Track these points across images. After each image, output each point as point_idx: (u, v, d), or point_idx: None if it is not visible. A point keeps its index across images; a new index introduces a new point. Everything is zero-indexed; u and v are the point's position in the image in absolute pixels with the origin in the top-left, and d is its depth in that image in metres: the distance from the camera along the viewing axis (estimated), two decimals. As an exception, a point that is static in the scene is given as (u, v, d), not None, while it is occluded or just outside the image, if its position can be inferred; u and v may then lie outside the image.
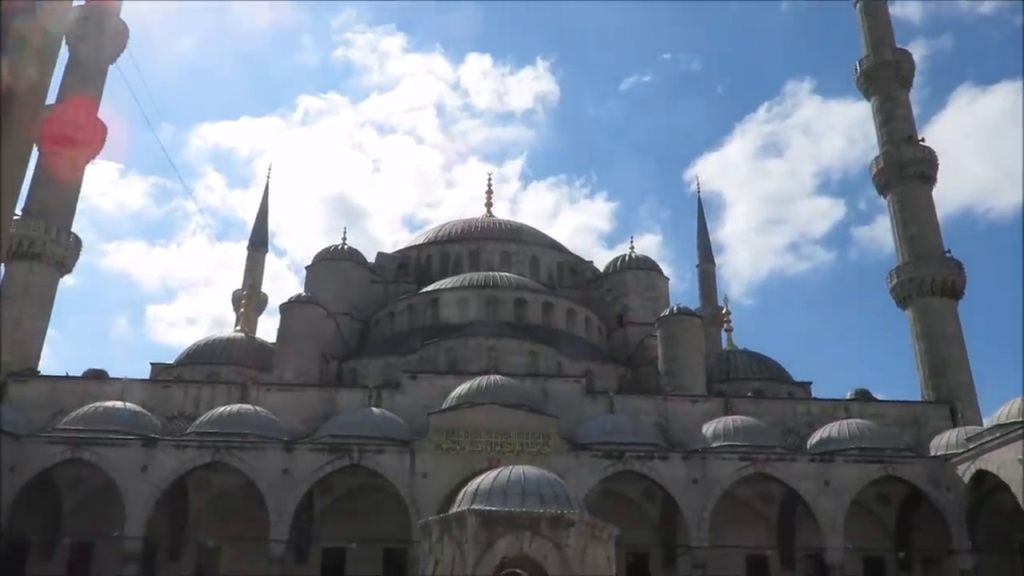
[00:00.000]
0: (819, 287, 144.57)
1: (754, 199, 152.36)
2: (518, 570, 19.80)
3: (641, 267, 59.24)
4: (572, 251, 66.23)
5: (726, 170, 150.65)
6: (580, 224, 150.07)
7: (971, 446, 35.99)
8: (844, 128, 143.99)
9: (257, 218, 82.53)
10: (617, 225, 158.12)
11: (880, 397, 47.02)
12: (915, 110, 57.12)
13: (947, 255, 51.29)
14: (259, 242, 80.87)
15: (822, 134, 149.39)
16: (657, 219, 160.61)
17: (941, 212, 54.02)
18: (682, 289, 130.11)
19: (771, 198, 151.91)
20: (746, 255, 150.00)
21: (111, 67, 54.82)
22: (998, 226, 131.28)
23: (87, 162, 51.95)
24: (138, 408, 39.22)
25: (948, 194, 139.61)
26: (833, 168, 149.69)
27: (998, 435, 34.06)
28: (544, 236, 66.37)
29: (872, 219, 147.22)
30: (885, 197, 54.55)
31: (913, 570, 39.18)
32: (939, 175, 54.15)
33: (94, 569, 36.93)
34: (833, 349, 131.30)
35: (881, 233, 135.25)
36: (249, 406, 39.49)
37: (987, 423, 37.75)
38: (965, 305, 50.68)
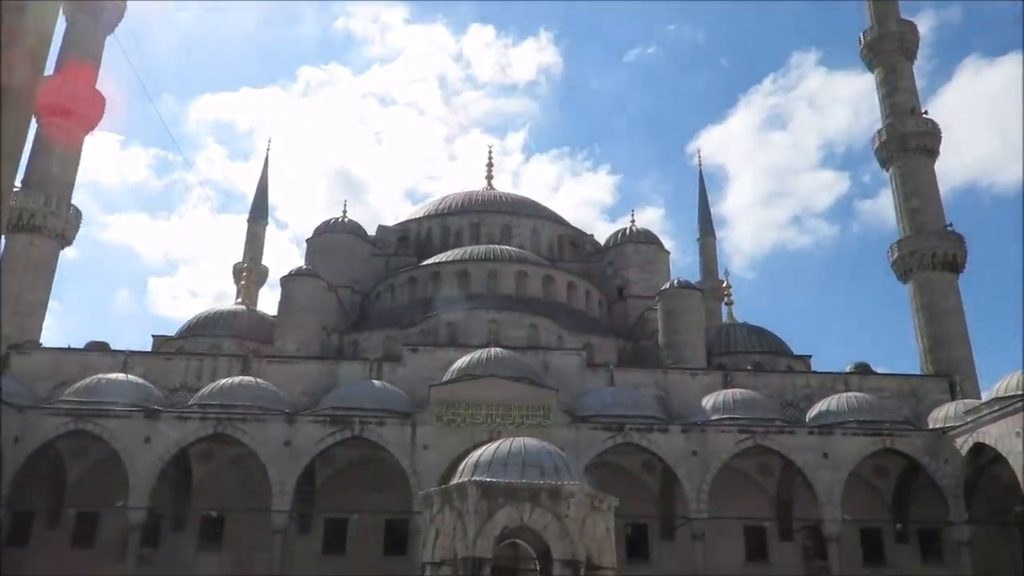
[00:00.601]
0: (821, 261, 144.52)
1: (757, 172, 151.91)
2: (518, 540, 20.01)
3: (642, 240, 59.20)
4: (573, 224, 66.13)
5: (730, 143, 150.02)
6: (582, 197, 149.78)
7: (969, 419, 36.18)
8: (849, 100, 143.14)
9: (257, 191, 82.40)
10: (620, 198, 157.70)
11: (880, 371, 47.22)
12: (921, 82, 56.89)
13: (948, 228, 51.22)
14: (259, 215, 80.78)
15: (827, 106, 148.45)
16: (660, 192, 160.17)
17: (945, 186, 54.27)
18: (685, 263, 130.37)
19: (775, 171, 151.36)
20: (748, 229, 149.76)
21: (109, 38, 54.46)
22: (1002, 200, 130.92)
23: (86, 133, 51.75)
24: (140, 380, 39.42)
25: (953, 167, 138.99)
26: (837, 141, 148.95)
27: (996, 408, 34.21)
28: (545, 209, 66.25)
29: (876, 193, 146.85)
30: (887, 170, 54.36)
31: (910, 541, 39.55)
32: (944, 148, 53.98)
33: (99, 539, 37.31)
34: (833, 323, 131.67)
35: (884, 207, 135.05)
36: (251, 378, 39.68)
37: (986, 396, 37.89)
38: (966, 279, 50.79)
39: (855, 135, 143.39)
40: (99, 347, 44.16)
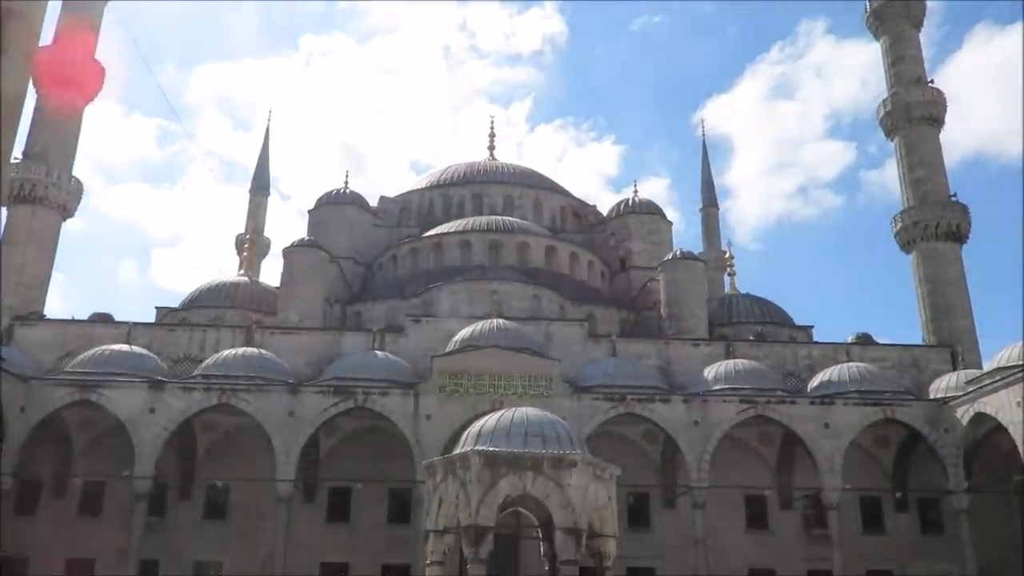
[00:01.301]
0: (826, 232, 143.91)
1: (764, 142, 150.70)
2: (521, 508, 20.19)
3: (644, 211, 59.02)
4: (576, 195, 65.92)
5: (736, 113, 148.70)
6: (587, 168, 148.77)
7: (970, 389, 36.31)
8: (857, 69, 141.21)
9: (259, 162, 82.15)
10: (624, 169, 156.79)
11: (882, 341, 47.28)
12: (930, 51, 56.49)
13: (953, 199, 51.02)
14: (261, 186, 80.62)
15: (835, 76, 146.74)
16: (665, 163, 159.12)
17: (953, 156, 53.90)
18: (690, 234, 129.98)
19: (781, 141, 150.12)
20: (754, 199, 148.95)
21: (107, 6, 53.96)
22: (1009, 170, 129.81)
23: (86, 103, 51.48)
24: (144, 351, 39.61)
25: (961, 137, 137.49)
26: (845, 110, 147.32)
27: (998, 378, 34.32)
28: (547, 180, 66.00)
29: (882, 163, 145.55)
30: (892, 140, 54.02)
31: (909, 510, 39.89)
32: (952, 117, 53.55)
33: (105, 508, 37.72)
34: (836, 294, 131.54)
35: (890, 178, 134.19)
36: (254, 349, 39.84)
37: (987, 367, 38.01)
38: (970, 249, 50.62)
39: (863, 105, 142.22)
40: (103, 319, 44.31)
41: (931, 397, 39.34)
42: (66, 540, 36.90)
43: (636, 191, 61.81)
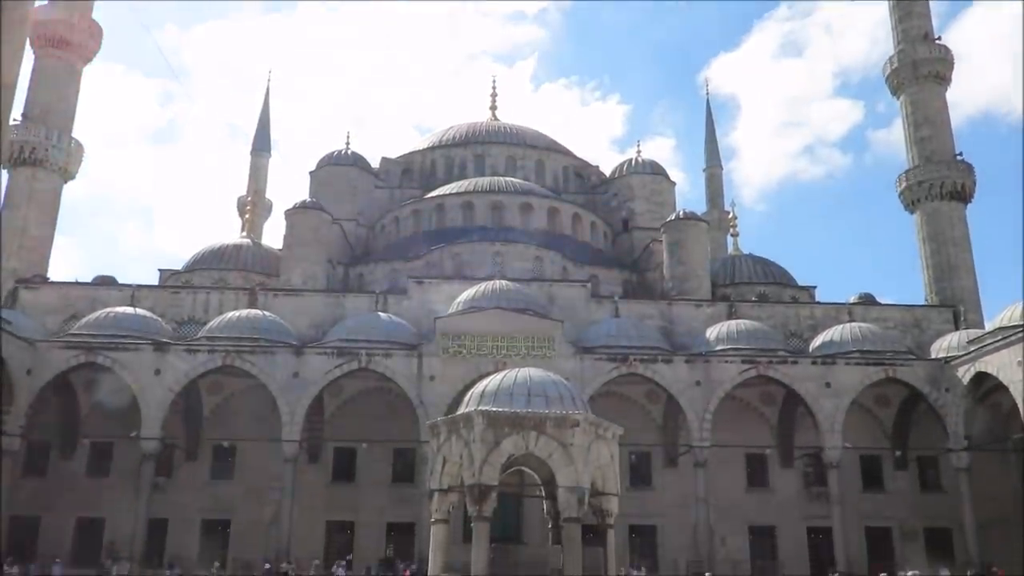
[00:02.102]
0: (832, 192, 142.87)
1: (771, 101, 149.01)
2: (524, 468, 20.39)
3: (647, 171, 58.65)
4: (579, 155, 65.45)
5: (743, 71, 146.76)
6: (592, 128, 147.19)
7: (972, 349, 36.42)
8: (867, 26, 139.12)
9: (259, 122, 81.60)
10: (630, 129, 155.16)
11: (885, 302, 47.30)
12: (941, 6, 55.32)
13: (958, 158, 50.64)
14: (262, 147, 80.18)
15: (844, 33, 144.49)
16: (670, 123, 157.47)
17: (961, 114, 53.33)
18: (697, 194, 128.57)
19: (788, 100, 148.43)
20: (760, 159, 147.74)
21: (103, -35, 53.21)
22: (1018, 128, 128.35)
23: (84, 64, 51.03)
24: (148, 313, 39.75)
25: (970, 96, 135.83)
26: (853, 69, 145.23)
27: (999, 338, 34.41)
28: (550, 140, 65.50)
29: (890, 122, 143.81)
30: (898, 98, 53.48)
31: (909, 468, 40.24)
32: (962, 75, 53.13)
33: (114, 468, 38.16)
34: (841, 254, 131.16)
35: (898, 137, 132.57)
36: (258, 311, 39.98)
37: (989, 326, 38.09)
38: (974, 209, 50.37)
39: (872, 62, 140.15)
40: (107, 281, 44.40)
41: (933, 357, 39.47)
42: (76, 500, 37.42)
43: (639, 151, 61.43)
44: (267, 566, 31.77)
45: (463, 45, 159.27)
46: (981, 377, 35.64)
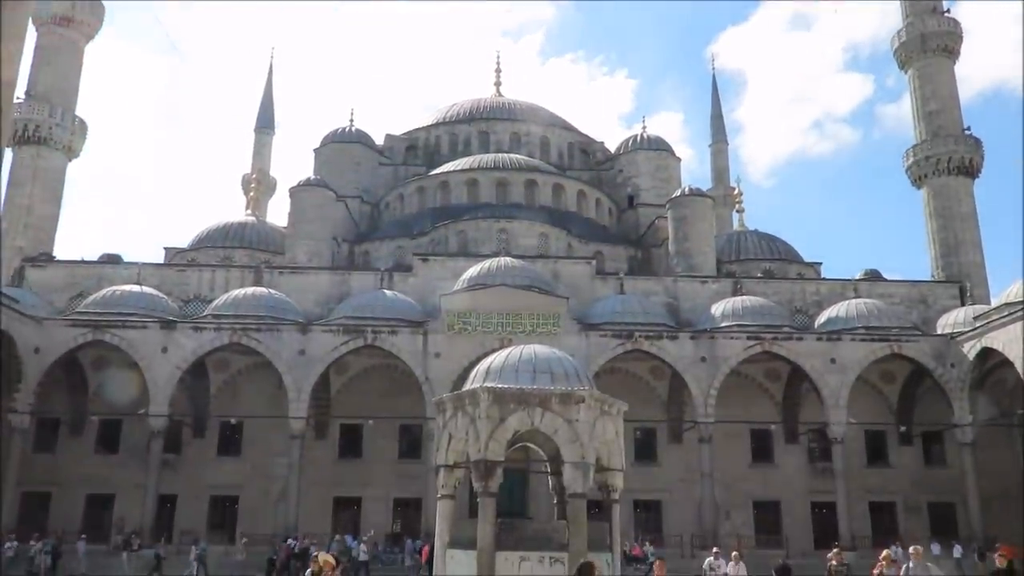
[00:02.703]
0: (840, 168, 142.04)
1: (780, 76, 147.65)
2: (529, 443, 20.49)
3: (653, 147, 58.37)
4: (585, 131, 65.15)
5: (751, 45, 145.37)
6: (600, 103, 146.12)
7: (978, 324, 36.38)
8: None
9: (263, 100, 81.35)
10: (638, 104, 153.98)
11: (891, 278, 47.16)
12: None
13: (966, 132, 50.29)
14: (265, 125, 80.00)
15: (854, 6, 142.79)
16: (679, 98, 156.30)
17: (971, 88, 52.77)
18: (705, 170, 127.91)
19: (797, 74, 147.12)
20: (768, 135, 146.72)
21: (104, -59, 52.78)
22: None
23: (87, 42, 50.85)
24: (155, 291, 39.91)
25: (981, 70, 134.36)
26: (863, 42, 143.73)
27: (1005, 313, 34.36)
28: (554, 115, 65.18)
29: (900, 96, 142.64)
30: (906, 72, 53.03)
31: (913, 444, 40.37)
32: (972, 48, 52.82)
33: (122, 445, 38.48)
34: (847, 230, 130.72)
35: (907, 111, 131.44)
36: (264, 289, 40.09)
37: (995, 302, 38.01)
38: (982, 184, 50.12)
39: (882, 36, 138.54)
40: (113, 259, 44.52)
41: (938, 333, 39.44)
42: (85, 476, 37.81)
43: (644, 127, 61.07)
44: (291, 542, 31.82)
45: (469, 21, 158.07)
46: (987, 353, 35.63)
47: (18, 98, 45.74)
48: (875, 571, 16.87)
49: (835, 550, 16.85)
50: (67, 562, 31.66)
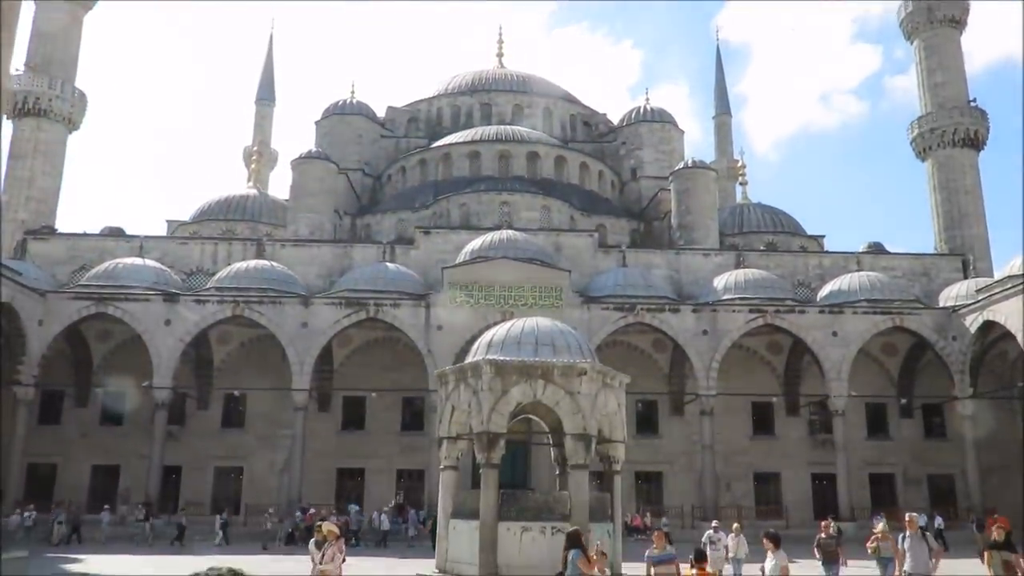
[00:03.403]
0: (846, 141, 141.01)
1: (787, 47, 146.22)
2: (532, 415, 20.59)
3: (656, 120, 58.00)
4: (586, 103, 64.71)
5: (759, 16, 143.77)
6: (604, 75, 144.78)
7: (980, 297, 36.36)
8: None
9: (263, 72, 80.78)
10: (644, 76, 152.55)
11: (894, 251, 47.07)
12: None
13: (972, 104, 49.91)
14: (266, 96, 79.50)
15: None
16: (685, 69, 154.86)
17: (980, 60, 52.20)
18: (710, 142, 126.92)
19: (805, 46, 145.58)
20: (774, 107, 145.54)
21: (101, -91, 52.18)
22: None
23: (85, 12, 50.42)
24: (157, 264, 39.94)
25: (990, 40, 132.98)
26: (872, 13, 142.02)
27: (1008, 286, 34.31)
28: (557, 87, 64.73)
29: (908, 68, 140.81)
30: (912, 43, 52.53)
31: (914, 416, 40.53)
32: (980, 20, 52.15)
33: (127, 417, 38.70)
34: (851, 203, 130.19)
35: (915, 83, 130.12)
36: (266, 262, 40.10)
37: (998, 275, 37.95)
38: (988, 156, 49.90)
39: (891, 6, 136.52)
40: (115, 232, 44.50)
41: (941, 305, 39.44)
42: (91, 448, 38.11)
43: (648, 99, 60.67)
44: (312, 511, 32.17)
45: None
46: (989, 326, 35.66)
47: (17, 70, 45.53)
48: (869, 543, 16.92)
49: (823, 522, 17.09)
50: (91, 531, 31.99)
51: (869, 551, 16.95)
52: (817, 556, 16.82)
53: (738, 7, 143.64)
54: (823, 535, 16.88)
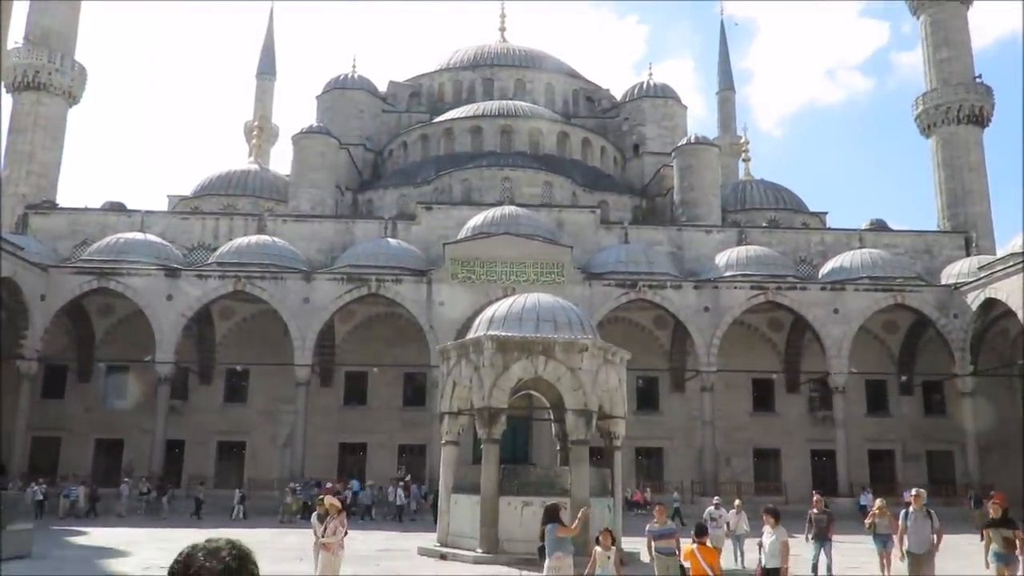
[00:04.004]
0: (852, 117, 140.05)
1: (793, 22, 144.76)
2: (533, 391, 20.68)
3: (659, 95, 57.60)
4: (589, 79, 64.27)
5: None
6: (609, 50, 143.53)
7: (982, 275, 36.31)
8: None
9: (264, 46, 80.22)
10: (648, 51, 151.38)
11: (897, 228, 46.93)
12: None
13: (977, 80, 49.53)
14: (267, 70, 78.99)
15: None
16: (690, 44, 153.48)
17: (988, 36, 51.65)
18: (715, 119, 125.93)
19: (812, 21, 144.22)
20: (780, 83, 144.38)
21: None
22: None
23: (84, -15, 49.97)
24: (159, 239, 39.90)
25: (998, 16, 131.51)
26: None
27: (1010, 264, 34.24)
28: (560, 62, 64.23)
29: (916, 44, 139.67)
30: (919, 18, 52.04)
31: (914, 393, 40.64)
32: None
33: (130, 391, 38.87)
34: (855, 180, 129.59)
35: (921, 59, 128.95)
36: (268, 237, 40.06)
37: (1000, 252, 37.88)
38: (992, 132, 49.61)
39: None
40: (116, 207, 44.42)
41: (942, 283, 39.40)
42: (94, 421, 38.31)
43: (651, 74, 60.23)
44: (327, 485, 32.35)
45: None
46: (990, 303, 35.64)
47: (16, 43, 45.23)
48: (867, 520, 16.63)
49: (815, 497, 16.23)
50: (111, 504, 32.25)
51: (866, 527, 16.48)
52: (807, 532, 16.08)
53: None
54: (815, 510, 16.00)
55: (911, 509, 12.80)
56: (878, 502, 16.66)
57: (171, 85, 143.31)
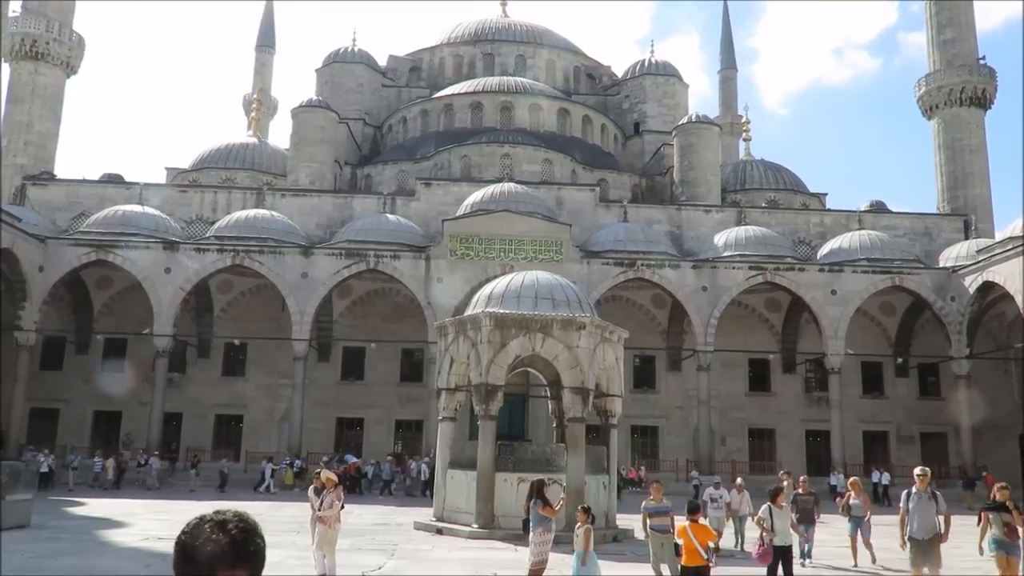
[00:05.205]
0: (855, 98, 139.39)
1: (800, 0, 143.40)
2: (530, 368, 20.74)
3: (660, 73, 57.29)
4: (590, 55, 63.82)
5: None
6: (614, 26, 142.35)
7: (980, 258, 36.33)
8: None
9: (263, 18, 79.57)
10: (653, 28, 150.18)
11: (897, 210, 46.88)
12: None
13: (981, 62, 49.24)
14: (266, 43, 78.39)
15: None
16: (695, 22, 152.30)
17: (998, 17, 51.16)
18: (719, 98, 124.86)
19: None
20: (785, 62, 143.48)
21: None
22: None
23: (82, -46, 49.42)
24: (157, 212, 39.79)
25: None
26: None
27: (1009, 247, 34.24)
28: (561, 38, 63.77)
29: (923, 24, 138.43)
30: (923, -1, 51.66)
31: (909, 375, 40.80)
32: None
33: (128, 363, 38.96)
34: (857, 161, 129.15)
35: (926, 40, 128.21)
36: (266, 211, 39.96)
37: (999, 236, 37.87)
38: (994, 115, 49.44)
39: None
40: (114, 179, 44.25)
41: (941, 266, 39.43)
42: (92, 393, 38.42)
43: (652, 51, 59.83)
44: (353, 461, 32.62)
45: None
46: (988, 286, 35.69)
47: (14, 11, 44.81)
48: (839, 501, 15.62)
49: (801, 478, 15.39)
50: (139, 475, 32.47)
51: (840, 508, 15.69)
52: (792, 514, 13.94)
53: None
54: (800, 491, 14.98)
55: (914, 490, 11.25)
56: (852, 479, 16.02)
57: (170, 57, 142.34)
